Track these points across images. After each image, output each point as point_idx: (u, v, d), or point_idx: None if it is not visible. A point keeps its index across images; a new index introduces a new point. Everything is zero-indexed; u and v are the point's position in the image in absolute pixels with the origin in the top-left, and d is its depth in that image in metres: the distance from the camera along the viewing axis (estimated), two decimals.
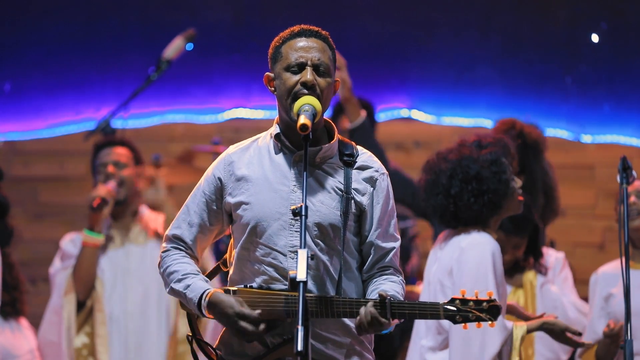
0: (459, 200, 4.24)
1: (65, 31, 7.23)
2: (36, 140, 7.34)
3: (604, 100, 7.24)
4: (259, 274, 3.42)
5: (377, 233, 3.46)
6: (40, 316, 5.63)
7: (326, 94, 3.41)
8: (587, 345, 4.44)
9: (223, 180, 3.49)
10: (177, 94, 7.35)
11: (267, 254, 3.40)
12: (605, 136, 7.21)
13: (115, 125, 6.44)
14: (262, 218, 3.40)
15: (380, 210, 3.46)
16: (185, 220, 3.52)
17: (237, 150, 3.54)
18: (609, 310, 4.82)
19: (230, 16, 7.32)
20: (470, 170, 4.25)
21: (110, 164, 5.67)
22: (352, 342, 3.44)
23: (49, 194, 7.27)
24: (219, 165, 3.52)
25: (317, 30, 3.46)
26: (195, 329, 3.53)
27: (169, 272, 3.48)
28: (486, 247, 4.17)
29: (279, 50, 3.45)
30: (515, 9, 7.30)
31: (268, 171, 3.45)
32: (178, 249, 3.52)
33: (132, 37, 7.28)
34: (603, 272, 4.94)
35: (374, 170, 3.49)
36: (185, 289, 3.41)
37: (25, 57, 7.30)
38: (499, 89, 7.28)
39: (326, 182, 3.44)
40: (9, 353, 5.29)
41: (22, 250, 5.20)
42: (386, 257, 3.47)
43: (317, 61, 3.40)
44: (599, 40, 7.11)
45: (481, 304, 3.27)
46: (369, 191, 3.46)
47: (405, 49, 7.36)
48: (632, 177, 4.18)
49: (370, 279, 3.47)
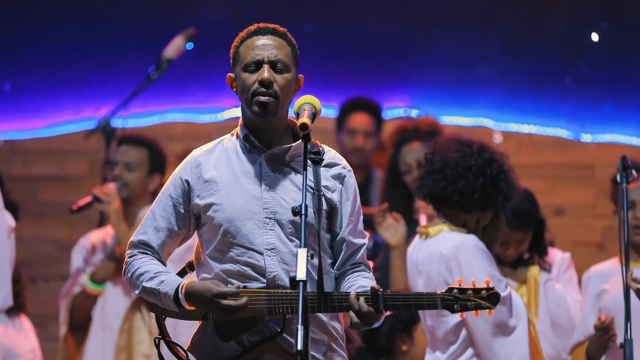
0: (464, 179, 4.23)
1: (65, 30, 7.23)
2: (36, 139, 7.34)
3: (604, 99, 7.23)
4: (234, 275, 3.41)
5: (348, 229, 3.48)
6: (40, 316, 5.64)
7: (285, 91, 3.41)
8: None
9: (191, 183, 3.47)
10: (177, 93, 7.35)
11: (242, 253, 3.40)
12: (605, 135, 7.21)
13: (115, 125, 6.44)
14: (234, 218, 3.40)
15: (350, 206, 3.49)
16: (151, 225, 3.50)
17: (202, 152, 3.52)
18: (600, 305, 4.83)
19: (230, 16, 7.31)
20: (493, 165, 4.26)
21: (121, 164, 5.67)
22: (328, 340, 3.45)
23: (48, 193, 7.26)
24: (185, 168, 3.50)
25: (273, 27, 3.48)
26: (164, 329, 3.52)
27: (138, 274, 3.45)
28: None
29: (238, 51, 3.48)
30: (515, 9, 7.29)
31: (237, 171, 3.45)
32: (145, 254, 3.50)
33: (132, 36, 7.27)
34: (595, 270, 4.95)
35: (341, 167, 3.51)
36: (159, 285, 3.39)
37: (25, 56, 7.30)
38: (499, 88, 7.27)
39: (296, 180, 3.44)
40: (11, 352, 5.29)
41: (22, 249, 5.19)
42: (357, 253, 3.49)
43: (274, 58, 3.42)
44: (599, 40, 7.11)
45: (480, 291, 3.27)
46: (338, 188, 3.48)
47: (406, 49, 7.35)
48: (632, 177, 4.18)
49: (343, 276, 3.49)
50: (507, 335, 4.15)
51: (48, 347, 6.07)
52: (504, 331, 4.15)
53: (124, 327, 5.54)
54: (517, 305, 4.21)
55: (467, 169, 4.25)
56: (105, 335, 5.58)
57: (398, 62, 7.33)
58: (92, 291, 5.58)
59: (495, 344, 4.14)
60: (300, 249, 3.20)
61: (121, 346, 5.53)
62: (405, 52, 7.37)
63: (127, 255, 3.52)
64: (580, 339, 4.83)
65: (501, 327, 4.14)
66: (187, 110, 7.39)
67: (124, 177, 5.66)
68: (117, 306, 5.60)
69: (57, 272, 7.14)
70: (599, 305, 4.84)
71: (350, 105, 6.69)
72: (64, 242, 7.18)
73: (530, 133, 7.08)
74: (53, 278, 7.13)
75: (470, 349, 4.21)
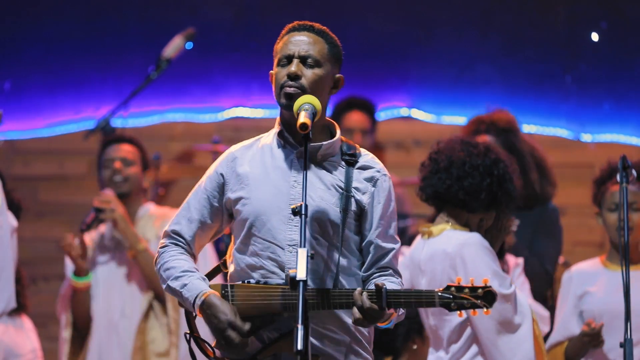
0: (471, 178, 4.23)
1: (65, 30, 7.22)
2: (36, 139, 7.34)
3: (604, 99, 7.23)
4: (256, 269, 3.42)
5: (377, 232, 3.46)
6: (40, 315, 5.64)
7: (313, 86, 3.42)
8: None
9: (225, 177, 3.50)
10: (176, 93, 7.35)
11: (266, 247, 3.42)
12: (605, 135, 7.21)
13: (115, 124, 6.45)
14: (261, 212, 3.42)
15: (380, 209, 3.47)
16: (185, 216, 3.53)
17: (240, 147, 3.56)
18: (582, 308, 4.82)
19: (230, 15, 7.31)
20: (500, 165, 4.26)
21: (118, 160, 5.65)
22: (350, 341, 3.44)
23: (48, 193, 7.26)
24: (222, 162, 3.54)
25: (311, 24, 3.51)
26: (193, 326, 3.53)
27: (165, 268, 3.48)
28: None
29: (276, 47, 3.52)
30: (515, 9, 7.30)
31: (269, 167, 3.47)
32: (177, 245, 3.53)
33: (132, 36, 7.27)
34: (577, 269, 4.94)
35: (375, 170, 3.50)
36: (182, 288, 3.42)
37: (25, 56, 7.29)
38: (499, 88, 7.28)
39: (326, 179, 3.45)
40: (12, 352, 5.29)
41: (21, 249, 5.19)
42: (385, 257, 3.48)
43: (305, 53, 3.43)
44: (599, 40, 7.11)
45: (476, 290, 3.27)
46: (370, 190, 3.47)
47: (405, 48, 7.36)
48: (632, 176, 4.18)
49: (369, 279, 3.47)
50: (512, 332, 4.15)
51: (48, 347, 6.07)
52: (509, 329, 4.15)
53: (140, 327, 5.53)
54: (522, 304, 4.21)
55: (474, 168, 4.25)
56: (109, 336, 5.56)
57: (398, 61, 7.33)
58: (77, 285, 5.55)
59: (500, 341, 4.14)
60: (300, 248, 3.20)
61: (137, 346, 5.53)
62: (405, 52, 7.37)
63: (160, 245, 3.56)
64: (559, 339, 4.82)
65: (506, 324, 4.14)
66: (187, 110, 7.39)
67: (124, 171, 5.65)
68: (122, 306, 5.59)
69: (57, 272, 7.13)
70: (581, 307, 4.83)
71: (344, 105, 6.67)
72: None
73: (530, 133, 7.07)
74: (53, 278, 7.12)
75: (473, 348, 4.21)
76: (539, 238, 5.40)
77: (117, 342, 5.55)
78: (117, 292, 5.60)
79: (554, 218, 5.48)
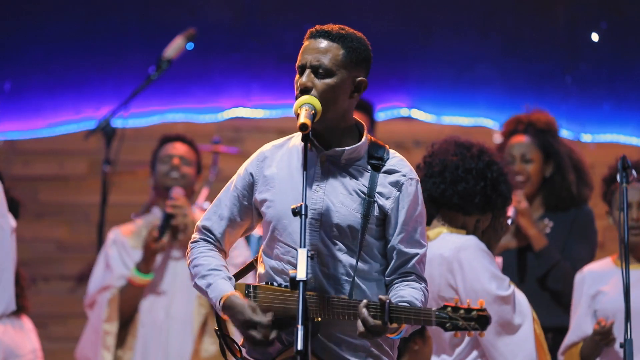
0: (468, 179, 4.23)
1: (65, 30, 7.23)
2: (36, 139, 7.34)
3: (604, 99, 7.24)
4: (279, 272, 3.42)
5: (400, 237, 3.42)
6: (40, 316, 5.64)
7: (325, 96, 3.38)
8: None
9: (254, 176, 3.49)
10: (177, 94, 7.35)
11: (286, 252, 3.40)
12: (605, 135, 7.22)
13: (116, 125, 6.44)
14: (283, 216, 3.40)
15: (404, 214, 3.43)
16: (216, 212, 3.53)
17: (271, 147, 3.54)
18: (596, 307, 4.82)
19: (230, 16, 7.31)
20: (493, 167, 4.26)
21: (177, 157, 5.67)
22: (370, 346, 3.41)
23: (48, 193, 7.27)
24: (252, 161, 3.53)
25: (328, 30, 3.44)
26: (222, 324, 3.52)
27: (194, 265, 3.49)
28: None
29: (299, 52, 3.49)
30: (515, 9, 7.30)
31: (294, 169, 3.45)
32: (206, 241, 3.53)
33: (132, 36, 7.28)
34: (589, 270, 4.94)
35: (401, 174, 3.45)
36: (207, 287, 3.43)
37: (25, 57, 7.30)
38: (499, 88, 7.28)
39: (349, 184, 3.42)
40: (12, 352, 5.29)
41: (21, 249, 5.19)
42: (408, 262, 3.43)
43: (316, 63, 3.39)
44: (599, 40, 7.11)
45: (471, 312, 3.28)
46: (394, 195, 3.43)
47: (405, 48, 7.36)
48: (632, 177, 4.18)
49: (392, 284, 3.44)
50: (512, 333, 4.15)
51: (48, 347, 6.07)
52: (509, 330, 4.14)
53: (197, 334, 5.54)
54: (521, 304, 4.21)
55: (467, 172, 4.25)
56: (154, 336, 5.56)
57: (398, 61, 7.34)
58: (140, 281, 5.58)
59: (501, 343, 4.14)
60: (300, 249, 3.19)
61: (191, 354, 5.54)
62: (404, 52, 7.37)
63: (191, 240, 3.56)
64: (575, 339, 4.83)
65: (506, 325, 4.14)
66: (187, 110, 7.39)
67: (182, 169, 5.68)
68: (167, 306, 5.60)
69: (57, 272, 7.15)
70: (594, 307, 4.84)
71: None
72: (64, 242, 7.19)
73: None
74: (53, 278, 7.13)
75: (475, 351, 4.20)
76: (573, 240, 5.37)
77: (160, 343, 5.56)
78: (178, 297, 5.60)
79: (589, 220, 5.44)
